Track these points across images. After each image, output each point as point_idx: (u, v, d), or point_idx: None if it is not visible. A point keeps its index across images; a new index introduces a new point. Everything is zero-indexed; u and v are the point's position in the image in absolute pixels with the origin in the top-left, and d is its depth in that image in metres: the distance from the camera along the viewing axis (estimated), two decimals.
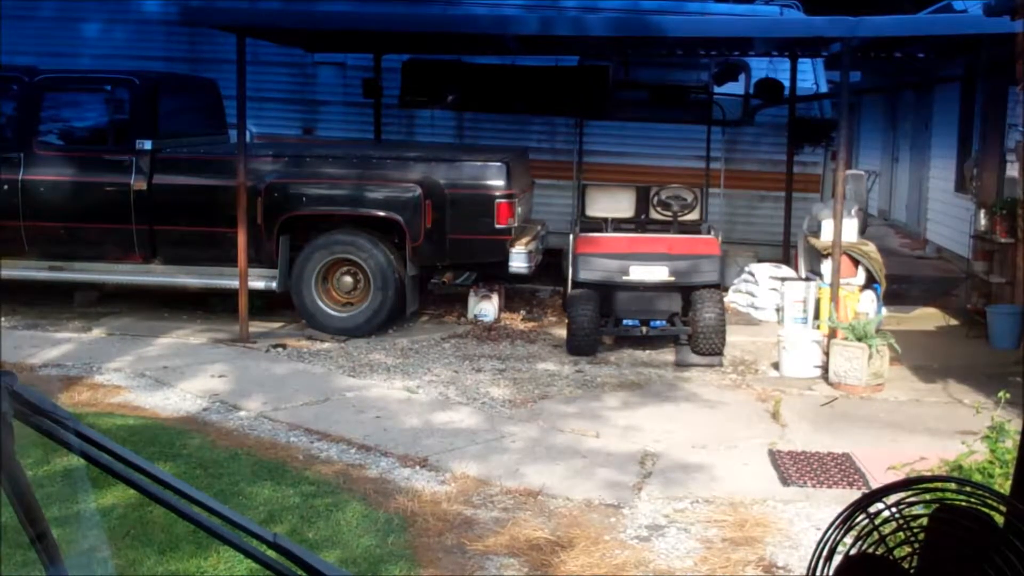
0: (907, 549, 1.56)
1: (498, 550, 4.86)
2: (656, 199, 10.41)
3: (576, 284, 9.01)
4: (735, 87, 11.84)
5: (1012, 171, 10.24)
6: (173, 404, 7.15)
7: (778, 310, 9.92)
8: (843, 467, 6.09)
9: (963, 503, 1.53)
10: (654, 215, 10.40)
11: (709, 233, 10.04)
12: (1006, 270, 9.83)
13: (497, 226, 9.16)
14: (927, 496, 1.57)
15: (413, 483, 5.71)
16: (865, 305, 8.84)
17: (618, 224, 10.37)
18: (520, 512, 5.32)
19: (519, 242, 9.40)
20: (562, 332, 9.15)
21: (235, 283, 9.12)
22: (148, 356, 8.41)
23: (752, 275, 10.48)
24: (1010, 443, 4.74)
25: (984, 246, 10.26)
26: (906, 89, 16.46)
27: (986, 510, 1.50)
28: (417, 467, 5.97)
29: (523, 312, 10.33)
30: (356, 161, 9.55)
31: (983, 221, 10.23)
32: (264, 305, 9.74)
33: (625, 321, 8.91)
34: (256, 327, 9.25)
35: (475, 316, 9.96)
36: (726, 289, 9.97)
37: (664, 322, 8.87)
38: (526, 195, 10.14)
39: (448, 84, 12.18)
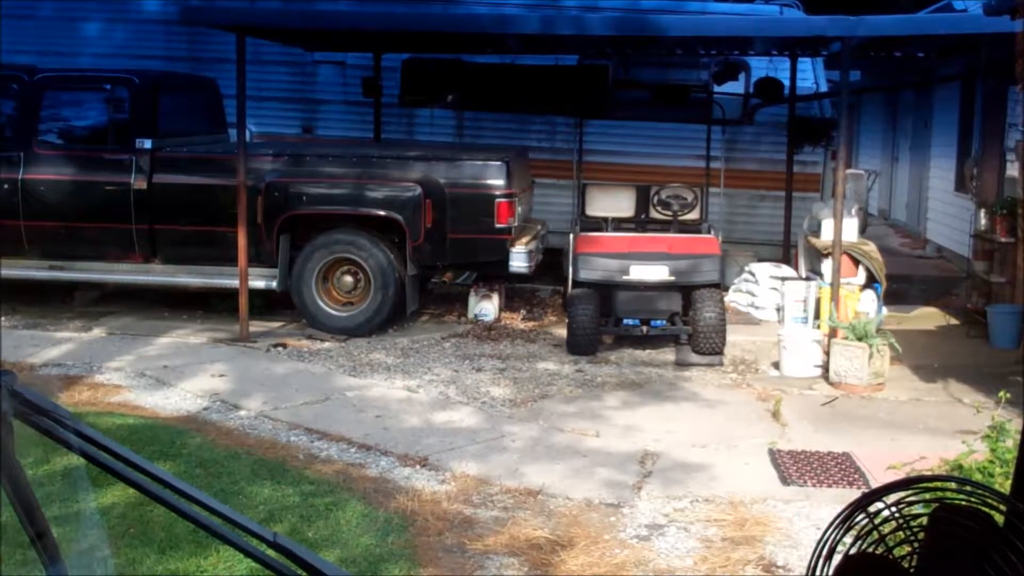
0: (907, 549, 1.56)
1: (498, 549, 4.86)
2: (656, 198, 10.40)
3: (576, 283, 9.01)
4: (735, 86, 11.83)
5: (1012, 171, 10.23)
6: (173, 403, 7.15)
7: (778, 310, 9.92)
8: (843, 466, 6.09)
9: (963, 503, 1.53)
10: (654, 214, 10.39)
11: (709, 232, 10.04)
12: (1006, 270, 9.83)
13: (497, 225, 9.16)
14: (927, 496, 1.57)
15: (413, 482, 5.71)
16: (865, 305, 8.84)
17: (618, 223, 10.36)
18: (520, 511, 5.32)
19: (519, 241, 9.40)
20: (562, 331, 9.15)
21: (235, 282, 9.12)
22: (148, 355, 8.41)
23: (752, 275, 10.48)
24: (1010, 442, 4.75)
25: (984, 246, 10.26)
26: (906, 88, 16.44)
27: (986, 510, 1.50)
28: (417, 466, 5.97)
29: (523, 311, 10.32)
30: (356, 160, 9.55)
31: (983, 221, 10.23)
32: (264, 304, 9.73)
33: (625, 320, 8.91)
34: (256, 326, 9.25)
35: (475, 315, 9.96)
36: (726, 289, 9.97)
37: (664, 322, 8.87)
38: (526, 194, 10.14)
39: (448, 83, 12.18)
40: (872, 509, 1.55)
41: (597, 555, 4.83)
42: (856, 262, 9.20)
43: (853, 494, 5.00)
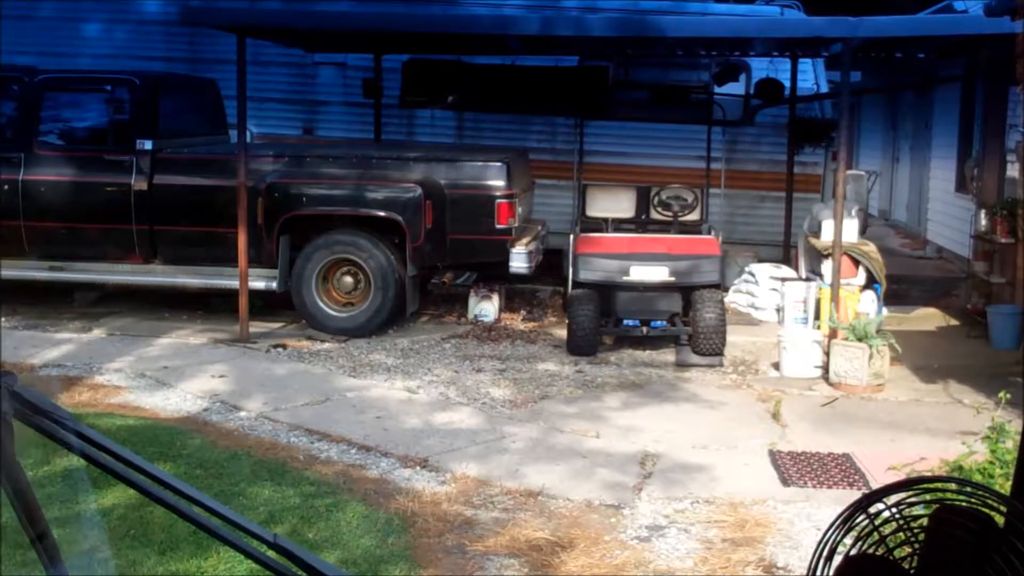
0: (907, 549, 1.56)
1: (498, 550, 4.86)
2: (656, 199, 10.40)
3: (576, 284, 9.01)
4: (735, 87, 11.82)
5: (1012, 171, 10.24)
6: (173, 404, 7.15)
7: (778, 310, 9.92)
8: (843, 467, 6.09)
9: (963, 503, 1.53)
10: (654, 215, 10.39)
11: (709, 233, 10.03)
12: (1006, 270, 9.83)
13: (498, 226, 9.16)
14: (927, 496, 1.57)
15: (413, 483, 5.71)
16: (865, 305, 8.84)
17: (618, 224, 10.36)
18: (520, 512, 5.32)
19: (519, 242, 9.40)
20: (562, 332, 9.14)
21: (235, 283, 9.12)
22: (148, 356, 8.41)
23: (752, 275, 10.48)
24: (1010, 443, 4.74)
25: (984, 246, 10.26)
26: (906, 89, 16.45)
27: (986, 510, 1.50)
28: (417, 467, 5.97)
29: (523, 312, 10.32)
30: (356, 161, 9.56)
31: (983, 221, 10.23)
32: (264, 305, 9.73)
33: (625, 321, 8.91)
34: (256, 327, 9.25)
35: (475, 316, 9.96)
36: (726, 289, 9.96)
37: (664, 322, 8.87)
38: (526, 195, 10.14)
39: (448, 84, 12.18)
40: (872, 510, 1.55)
41: (597, 556, 4.83)
42: (856, 263, 9.20)
43: (853, 495, 5.00)
